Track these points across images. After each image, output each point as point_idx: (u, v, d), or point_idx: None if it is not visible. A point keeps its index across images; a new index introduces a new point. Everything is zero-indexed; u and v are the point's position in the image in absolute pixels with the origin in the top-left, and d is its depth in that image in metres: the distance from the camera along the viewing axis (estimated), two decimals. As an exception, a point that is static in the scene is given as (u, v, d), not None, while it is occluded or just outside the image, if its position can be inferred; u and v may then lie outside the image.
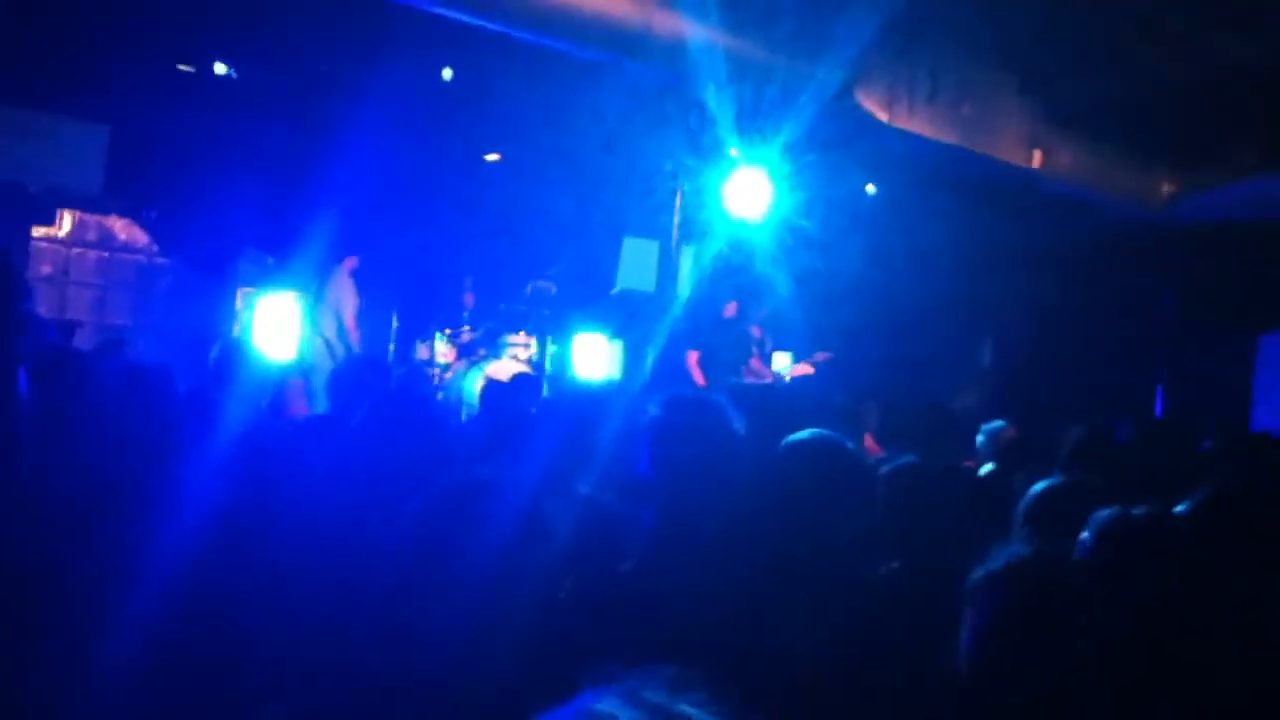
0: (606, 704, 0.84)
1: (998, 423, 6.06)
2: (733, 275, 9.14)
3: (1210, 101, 8.85)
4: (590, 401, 3.41)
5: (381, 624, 1.88)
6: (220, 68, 8.68)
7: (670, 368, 8.15)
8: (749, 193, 8.86)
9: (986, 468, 5.45)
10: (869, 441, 5.34)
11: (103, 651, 1.80)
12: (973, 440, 6.29)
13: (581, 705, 0.85)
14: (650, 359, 8.52)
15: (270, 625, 1.95)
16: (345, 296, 9.01)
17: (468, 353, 9.65)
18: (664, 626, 1.99)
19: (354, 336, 8.94)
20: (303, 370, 5.08)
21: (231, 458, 2.64)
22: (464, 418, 7.59)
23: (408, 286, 9.98)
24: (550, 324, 10.52)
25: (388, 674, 1.80)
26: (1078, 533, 2.41)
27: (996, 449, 5.71)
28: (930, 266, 9.73)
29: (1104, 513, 2.35)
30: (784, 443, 2.40)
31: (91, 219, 9.94)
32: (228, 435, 2.97)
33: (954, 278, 9.93)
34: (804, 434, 2.44)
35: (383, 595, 1.92)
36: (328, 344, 8.86)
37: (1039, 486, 2.73)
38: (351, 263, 9.05)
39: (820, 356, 8.71)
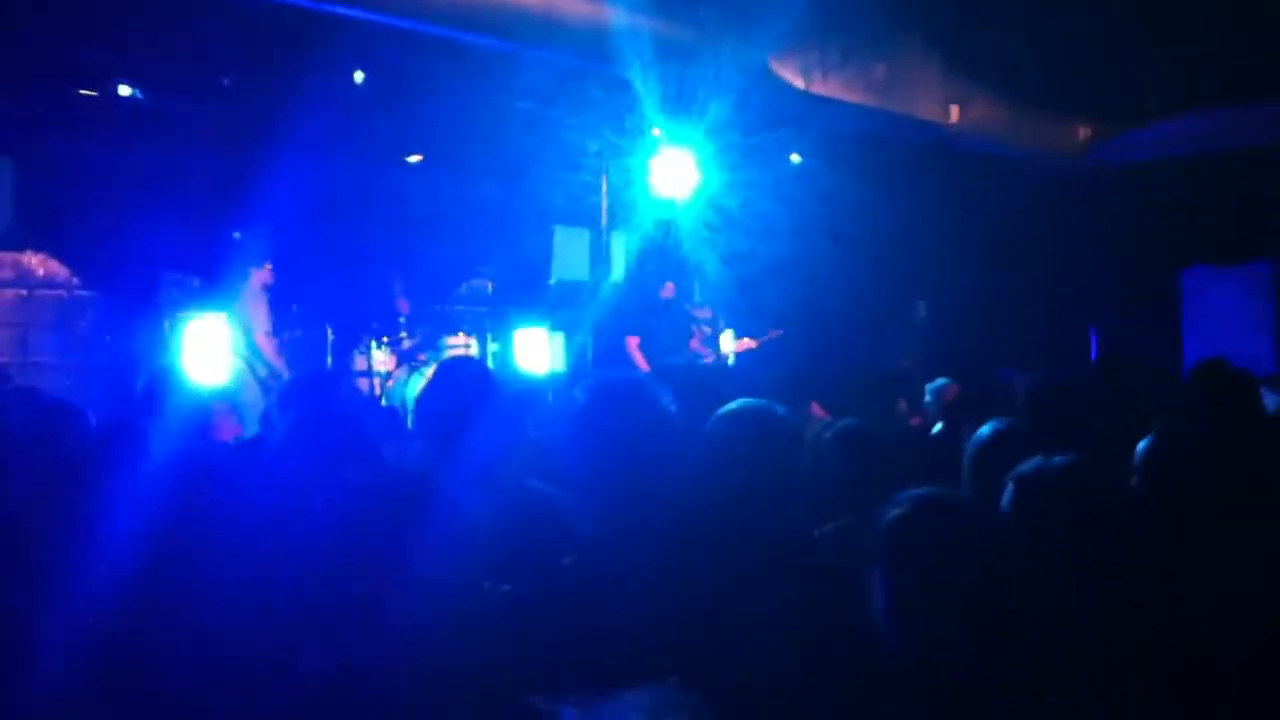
0: None
1: (941, 380, 6.11)
2: (664, 256, 9.12)
3: (1121, 48, 8.98)
4: (523, 393, 3.36)
5: (316, 632, 1.83)
6: (124, 89, 8.45)
7: (611, 354, 8.11)
8: (675, 173, 8.84)
9: (937, 427, 5.49)
10: (816, 409, 5.35)
11: (34, 684, 1.73)
12: (916, 400, 6.34)
13: None
14: (589, 348, 8.48)
15: (200, 650, 1.90)
16: (256, 311, 8.50)
17: (408, 359, 9.53)
18: (613, 617, 1.95)
19: (269, 352, 8.53)
20: (229, 394, 4.96)
21: (157, 485, 2.56)
22: (409, 425, 7.48)
23: (339, 297, 9.81)
24: (489, 322, 10.42)
25: (328, 684, 1.76)
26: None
27: (941, 406, 5.76)
28: (857, 235, 9.79)
29: (1025, 463, 2.32)
30: (714, 415, 2.38)
31: (7, 256, 9.66)
32: (153, 463, 2.88)
33: (881, 244, 10.00)
34: (732, 404, 2.43)
35: (312, 605, 1.87)
36: (247, 363, 8.44)
37: (981, 432, 2.73)
38: (263, 275, 8.56)
39: (773, 334, 8.74)
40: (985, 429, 2.72)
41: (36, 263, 9.69)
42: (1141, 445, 2.73)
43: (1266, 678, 2.07)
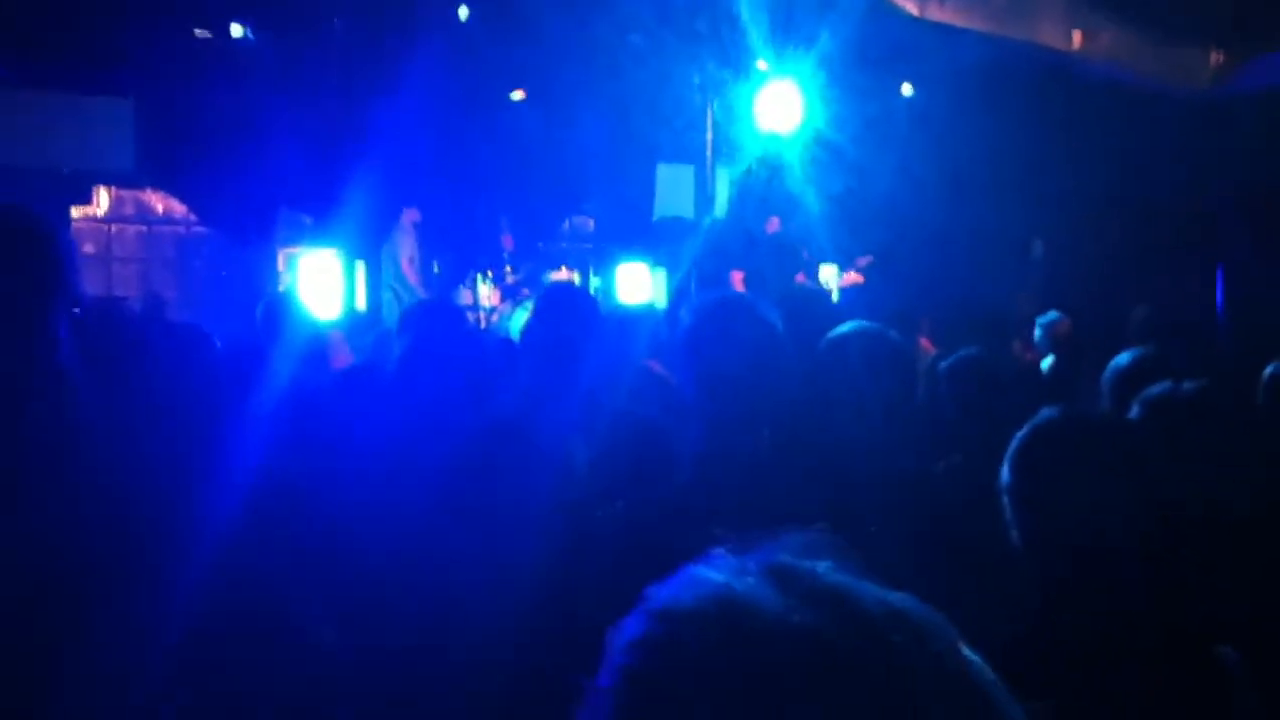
0: (734, 576, 0.73)
1: (1053, 314, 5.93)
2: (767, 190, 8.98)
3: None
4: (627, 320, 3.35)
5: (423, 567, 1.85)
6: (237, 30, 8.61)
7: (714, 289, 8.04)
8: (780, 107, 8.67)
9: (1047, 361, 5.33)
10: (925, 343, 5.23)
11: (161, 607, 1.78)
12: (1029, 337, 6.16)
13: (699, 575, 0.74)
14: (692, 283, 8.42)
15: (316, 574, 1.94)
16: (403, 245, 9.14)
17: (511, 294, 9.62)
18: (723, 539, 1.93)
19: (413, 280, 9.09)
20: (343, 325, 5.07)
21: (274, 412, 2.62)
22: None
23: (446, 232, 9.94)
24: (592, 258, 10.43)
25: (434, 614, 1.78)
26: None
27: (1055, 340, 5.59)
28: (972, 170, 9.47)
29: (1154, 388, 2.25)
30: (826, 337, 2.32)
31: (129, 194, 10.00)
32: (272, 389, 2.95)
33: (998, 179, 9.66)
34: (845, 326, 2.37)
35: (420, 538, 1.89)
36: (395, 295, 9.00)
37: (1121, 358, 2.63)
38: (413, 215, 9.16)
39: (863, 261, 8.56)
40: (1123, 356, 2.62)
41: (157, 200, 10.01)
42: (1269, 369, 2.61)
43: None
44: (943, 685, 0.68)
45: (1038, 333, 5.94)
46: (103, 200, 9.85)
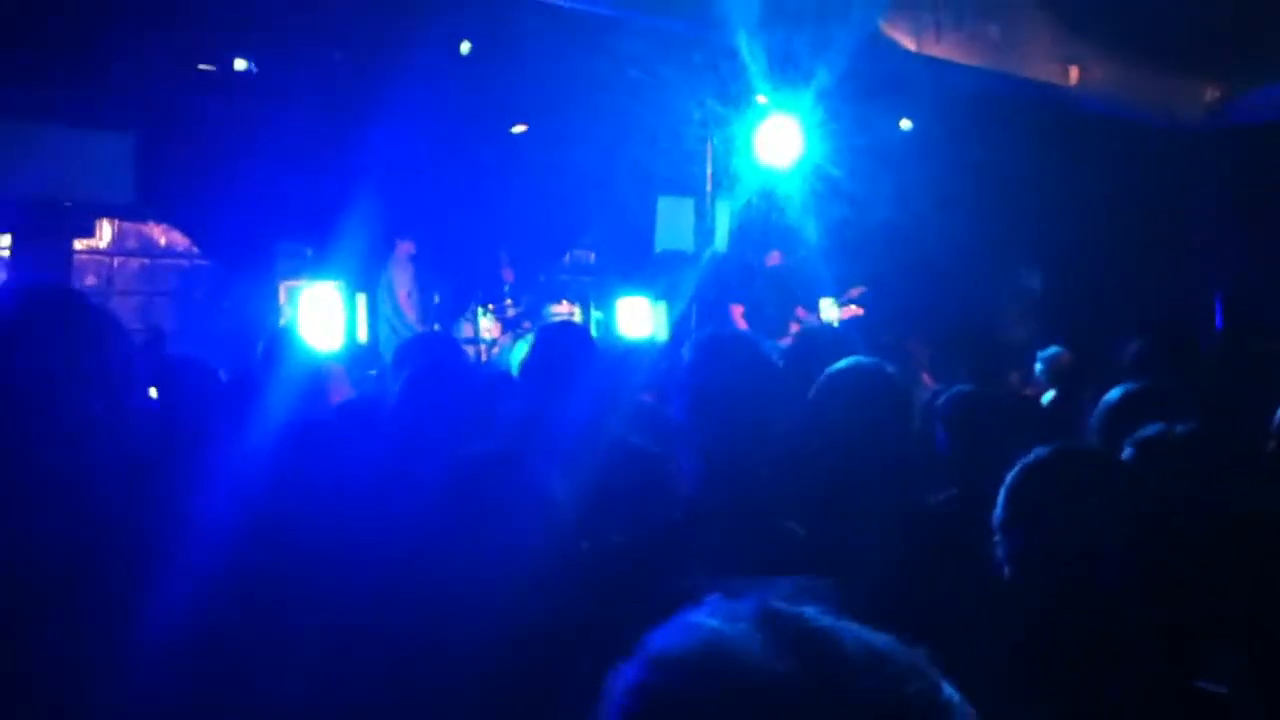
0: (726, 622, 0.77)
1: (1054, 349, 5.94)
2: (766, 224, 9.01)
3: (1249, 1, 8.53)
4: (626, 355, 3.36)
5: (413, 599, 1.86)
6: (240, 64, 8.67)
7: (714, 322, 8.06)
8: (780, 141, 8.72)
9: (1048, 395, 5.33)
10: (925, 378, 5.24)
11: (141, 637, 1.79)
12: (1029, 370, 6.16)
13: (693, 621, 0.78)
14: (693, 316, 8.44)
15: (312, 602, 1.94)
16: (400, 277, 9.16)
17: (512, 326, 9.64)
18: (719, 569, 1.94)
19: (410, 315, 9.07)
20: (342, 360, 5.08)
21: (273, 444, 2.63)
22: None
23: (446, 264, 9.97)
24: (592, 291, 10.46)
25: (424, 648, 1.78)
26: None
27: (1056, 374, 5.59)
28: (970, 203, 9.52)
29: (1147, 429, 2.26)
30: (824, 373, 2.34)
31: (131, 227, 10.03)
32: (271, 423, 2.96)
33: (996, 212, 9.70)
34: (843, 362, 2.38)
35: (412, 570, 1.90)
36: (392, 328, 9.01)
37: (1113, 394, 2.63)
38: (407, 247, 9.19)
39: (855, 292, 8.59)
40: (1114, 392, 2.62)
41: (159, 233, 10.04)
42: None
43: None
44: None
45: (1038, 367, 5.94)
46: (105, 233, 9.89)
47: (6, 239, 8.65)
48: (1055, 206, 9.74)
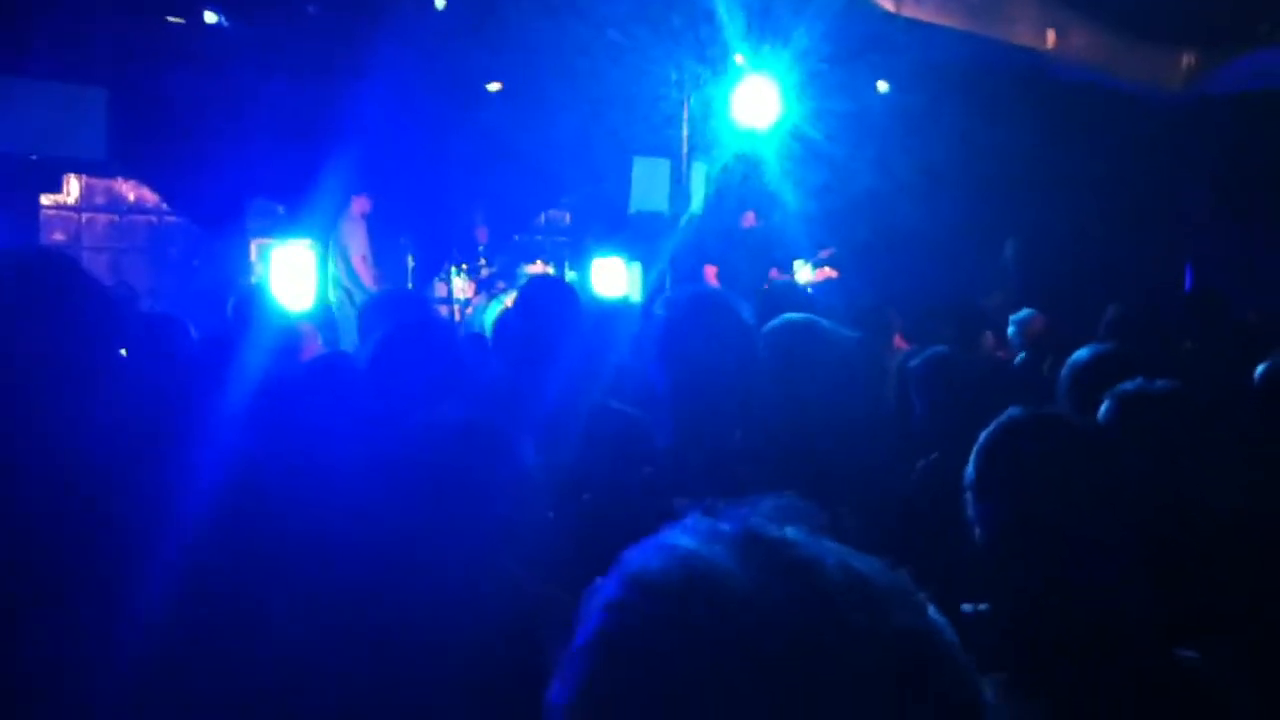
0: (704, 542, 0.74)
1: (1026, 311, 5.97)
2: (743, 186, 8.98)
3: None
4: (606, 314, 3.34)
5: (390, 559, 1.85)
6: (210, 17, 8.53)
7: (688, 283, 8.04)
8: (757, 103, 8.68)
9: (1019, 358, 5.37)
10: (898, 340, 5.25)
11: (130, 602, 1.78)
12: (1002, 334, 6.19)
13: (673, 542, 0.75)
14: (667, 277, 8.43)
15: (286, 566, 1.93)
16: (354, 239, 8.86)
17: (486, 287, 9.60)
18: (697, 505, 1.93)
19: (367, 279, 8.80)
20: (317, 318, 5.05)
21: (246, 403, 2.60)
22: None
23: (420, 224, 9.89)
24: (567, 251, 10.42)
25: (401, 605, 1.78)
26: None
27: (1027, 338, 5.63)
28: (944, 170, 9.51)
29: (1126, 384, 2.27)
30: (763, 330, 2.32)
31: (100, 183, 9.89)
32: (243, 381, 2.93)
33: (972, 177, 9.71)
34: (776, 320, 2.36)
35: (387, 530, 1.89)
36: (346, 291, 8.78)
37: (1081, 354, 2.64)
38: (361, 204, 8.88)
39: (825, 253, 8.58)
40: (1083, 352, 2.63)
41: (128, 189, 9.91)
42: (1260, 369, 2.64)
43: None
44: (904, 652, 0.69)
45: (1011, 329, 5.97)
46: (73, 189, 9.74)
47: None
48: (1032, 173, 9.76)
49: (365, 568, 2.00)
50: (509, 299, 8.80)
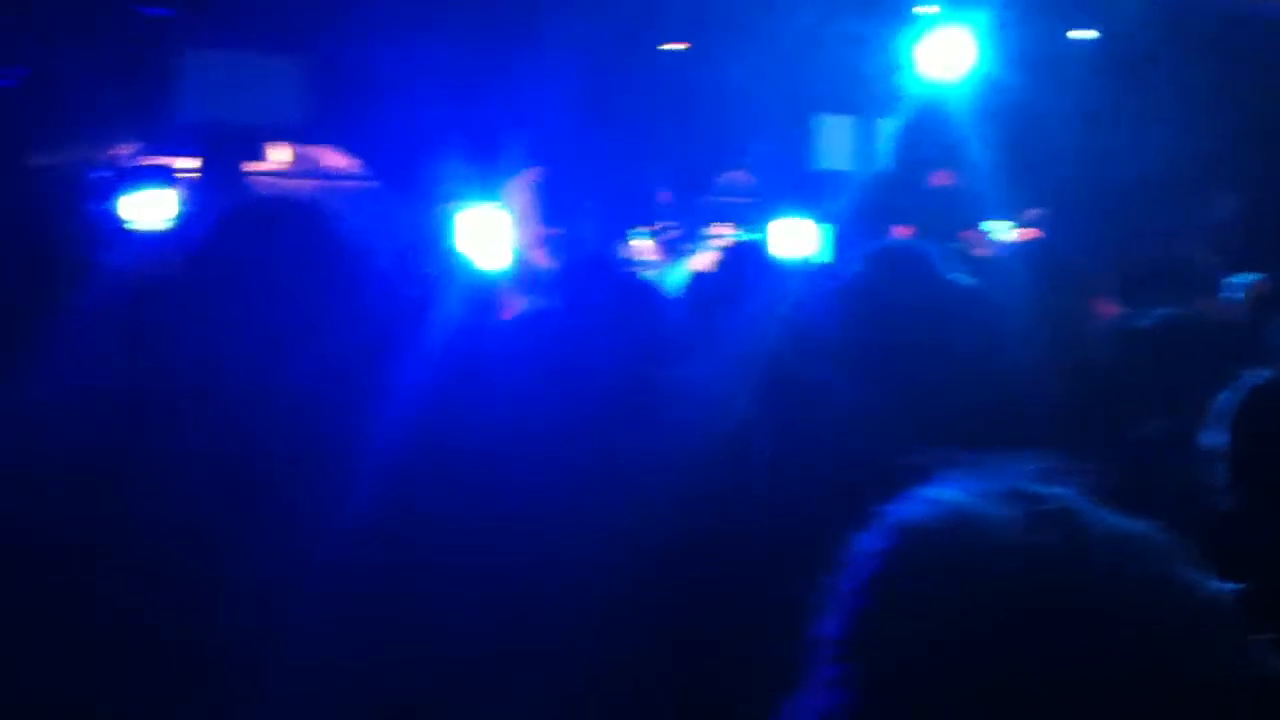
0: (973, 496, 0.77)
1: (1251, 274, 5.59)
2: (935, 142, 8.67)
3: None
4: (795, 275, 3.28)
5: (567, 517, 1.87)
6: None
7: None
8: (947, 53, 8.35)
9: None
10: (1105, 303, 4.97)
11: (316, 538, 1.86)
12: (1214, 298, 5.80)
13: (934, 495, 0.79)
14: (855, 238, 8.23)
15: (470, 516, 1.98)
16: (525, 207, 9.00)
17: (671, 249, 9.61)
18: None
19: (535, 250, 8.94)
20: (512, 278, 5.15)
21: (445, 358, 2.66)
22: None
23: (602, 188, 9.97)
24: (750, 211, 10.31)
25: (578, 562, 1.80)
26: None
27: (1256, 301, 5.26)
28: (1152, 120, 8.92)
29: None
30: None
31: (304, 150, 10.38)
32: (443, 337, 3.00)
33: (1189, 130, 9.07)
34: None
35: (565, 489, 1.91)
36: (519, 256, 8.95)
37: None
38: (531, 174, 9.03)
39: (1032, 214, 8.20)
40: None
41: (330, 156, 10.36)
42: None
43: None
44: (1175, 609, 0.71)
45: (1235, 293, 5.59)
46: (279, 155, 10.25)
47: (194, 162, 9.05)
48: (1257, 124, 9.06)
49: (543, 518, 2.02)
50: (696, 260, 8.78)
